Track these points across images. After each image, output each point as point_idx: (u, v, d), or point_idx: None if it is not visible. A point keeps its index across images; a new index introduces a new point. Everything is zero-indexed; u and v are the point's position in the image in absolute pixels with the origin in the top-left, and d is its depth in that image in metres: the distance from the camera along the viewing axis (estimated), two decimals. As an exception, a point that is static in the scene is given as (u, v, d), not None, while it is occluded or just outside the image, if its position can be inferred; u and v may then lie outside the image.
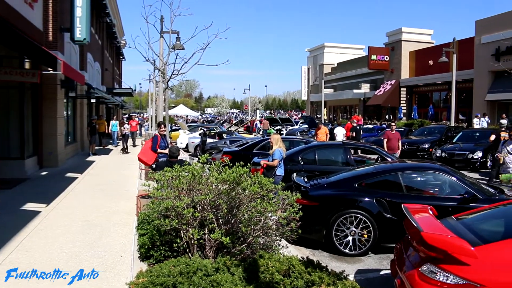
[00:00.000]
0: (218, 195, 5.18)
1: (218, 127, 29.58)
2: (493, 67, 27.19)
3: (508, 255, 4.05)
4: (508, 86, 25.46)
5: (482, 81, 28.97)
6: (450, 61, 26.62)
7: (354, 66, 49.86)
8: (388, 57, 41.27)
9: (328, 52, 59.36)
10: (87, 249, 6.49)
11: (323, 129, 19.07)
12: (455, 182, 7.23)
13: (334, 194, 7.30)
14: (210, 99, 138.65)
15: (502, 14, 28.17)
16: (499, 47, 27.08)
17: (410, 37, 40.72)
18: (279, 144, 9.53)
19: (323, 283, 4.01)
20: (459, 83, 30.57)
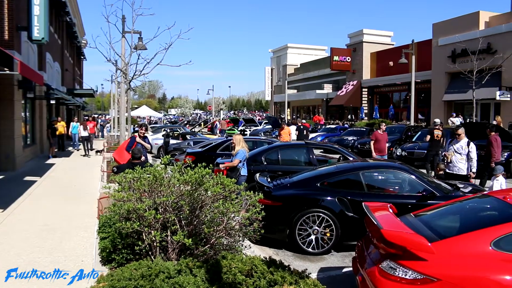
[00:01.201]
0: (180, 197, 5.13)
1: (181, 128, 29.34)
2: (449, 68, 28.07)
3: (463, 250, 4.18)
4: (463, 87, 26.32)
5: (439, 82, 29.85)
6: (409, 62, 27.30)
7: (317, 66, 50.45)
8: (350, 58, 41.97)
9: (291, 53, 59.83)
10: (46, 254, 6.32)
11: (287, 129, 19.23)
12: (414, 180, 7.42)
13: (297, 193, 7.36)
14: (174, 100, 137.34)
15: (458, 17, 29.11)
16: (455, 49, 27.96)
17: (371, 38, 41.56)
18: (242, 144, 9.53)
19: (285, 283, 4.03)
20: (418, 84, 31.39)
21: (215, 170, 9.62)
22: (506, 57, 23.46)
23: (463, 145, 10.47)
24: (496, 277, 3.91)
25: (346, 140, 23.73)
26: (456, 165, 10.44)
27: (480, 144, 15.95)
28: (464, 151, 10.43)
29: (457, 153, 10.45)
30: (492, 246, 4.12)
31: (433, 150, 14.91)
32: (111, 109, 40.64)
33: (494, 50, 25.26)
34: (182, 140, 22.26)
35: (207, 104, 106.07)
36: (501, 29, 25.44)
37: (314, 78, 50.85)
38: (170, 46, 12.22)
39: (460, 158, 10.44)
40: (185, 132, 25.71)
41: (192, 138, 22.02)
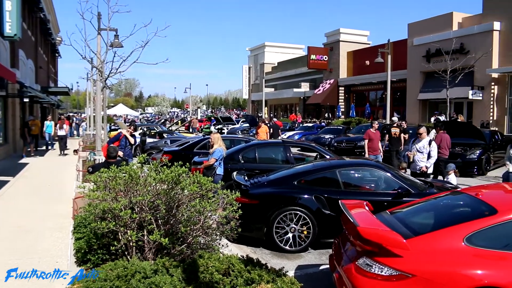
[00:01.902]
0: (156, 196, 5.09)
1: (158, 127, 29.11)
2: (424, 68, 28.50)
3: (436, 246, 4.25)
4: (437, 86, 26.76)
5: (414, 81, 30.29)
6: (385, 61, 27.63)
7: (294, 65, 50.61)
8: (327, 57, 42.23)
9: (268, 52, 59.86)
10: (18, 256, 6.18)
11: (264, 127, 19.28)
12: (390, 177, 7.52)
13: (274, 192, 7.37)
14: (151, 98, 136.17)
15: (432, 18, 29.57)
16: (429, 49, 28.40)
17: (348, 38, 41.88)
18: (219, 143, 9.51)
19: (263, 281, 4.04)
20: (394, 83, 31.78)
21: (192, 169, 9.58)
22: (478, 58, 23.95)
23: (425, 144, 10.56)
24: (468, 272, 3.99)
25: (323, 139, 23.91)
26: (418, 164, 10.54)
27: (460, 142, 16.37)
28: (425, 150, 10.52)
29: (419, 152, 10.53)
30: (465, 242, 4.20)
31: (393, 147, 15.39)
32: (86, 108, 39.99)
33: (467, 51, 25.76)
34: (159, 139, 22.09)
35: (184, 103, 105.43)
36: (473, 30, 25.96)
37: (291, 77, 51.00)
38: (146, 43, 12.08)
39: (422, 157, 10.52)
40: (162, 131, 25.53)
41: (169, 137, 21.88)
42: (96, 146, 13.73)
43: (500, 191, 5.65)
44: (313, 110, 46.67)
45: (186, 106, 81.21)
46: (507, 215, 4.36)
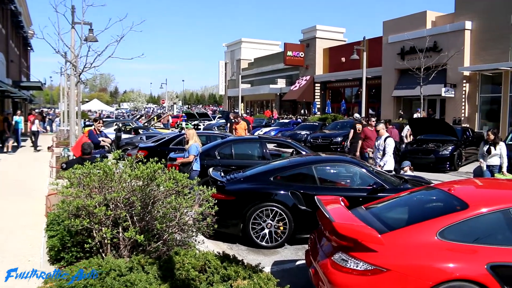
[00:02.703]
0: (131, 192, 5.03)
1: (134, 122, 28.79)
2: (398, 65, 28.91)
3: (410, 240, 4.33)
4: (411, 83, 27.19)
5: (389, 78, 30.69)
6: (361, 58, 27.90)
7: (271, 61, 50.69)
8: (303, 53, 42.43)
9: (245, 48, 59.82)
10: (-12, 254, 6.02)
11: (242, 123, 19.28)
12: (365, 173, 7.60)
13: (250, 188, 7.37)
14: (126, 94, 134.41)
15: (407, 16, 29.99)
16: (404, 46, 28.80)
17: (324, 34, 42.14)
18: (195, 139, 9.45)
19: (239, 277, 4.03)
20: (369, 80, 32.16)
21: (168, 165, 9.50)
22: (450, 56, 24.43)
23: (381, 142, 10.48)
24: (440, 265, 4.08)
25: (299, 135, 24.02)
26: (376, 161, 10.57)
27: (433, 139, 16.69)
28: (381, 147, 10.42)
29: (378, 149, 10.53)
30: (438, 236, 4.28)
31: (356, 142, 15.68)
32: (60, 103, 39.25)
33: (440, 49, 26.23)
34: (134, 135, 21.84)
35: (160, 98, 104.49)
36: (446, 28, 26.43)
37: (267, 73, 51.08)
38: (122, 38, 11.90)
39: (379, 154, 10.48)
40: (137, 127, 25.26)
41: (145, 133, 21.66)
42: (70, 142, 13.50)
43: (471, 186, 5.77)
44: (289, 106, 46.85)
45: (162, 102, 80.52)
46: (477, 210, 4.46)
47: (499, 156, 10.70)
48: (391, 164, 10.43)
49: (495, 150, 10.69)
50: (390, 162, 10.33)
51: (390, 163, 10.39)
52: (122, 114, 66.90)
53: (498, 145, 10.72)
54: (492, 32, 24.12)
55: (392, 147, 10.30)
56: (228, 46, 64.72)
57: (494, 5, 24.01)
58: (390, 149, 10.27)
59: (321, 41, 41.54)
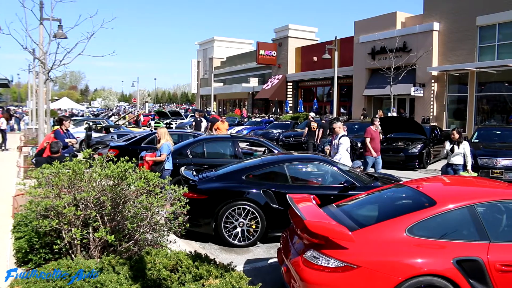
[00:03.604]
0: (102, 192, 4.95)
1: (104, 121, 28.34)
2: (369, 64, 29.29)
3: (380, 237, 4.40)
4: (382, 82, 27.62)
5: (360, 77, 31.07)
6: (332, 58, 28.17)
7: (243, 60, 50.66)
8: (276, 52, 42.55)
9: (217, 46, 59.58)
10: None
11: (226, 123, 19.34)
12: (336, 171, 7.68)
13: (222, 186, 7.36)
14: (97, 92, 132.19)
15: (377, 16, 30.40)
16: (374, 46, 29.20)
17: (296, 34, 42.35)
18: (166, 137, 9.38)
19: (211, 276, 4.03)
20: (341, 79, 32.50)
21: (140, 164, 9.40)
22: (419, 56, 24.93)
23: (337, 140, 10.31)
24: (409, 261, 4.16)
25: (271, 133, 24.11)
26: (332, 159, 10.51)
27: (403, 137, 17.02)
28: (337, 145, 10.28)
29: (334, 148, 10.38)
30: (407, 233, 4.37)
31: (311, 139, 16.58)
32: (28, 101, 38.30)
33: (409, 49, 26.70)
34: (105, 134, 21.51)
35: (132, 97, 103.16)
36: (415, 29, 26.92)
37: (240, 72, 51.03)
38: (92, 35, 11.69)
39: (334, 152, 10.29)
40: (108, 125, 24.87)
41: (116, 132, 21.35)
42: (39, 140, 13.19)
43: (439, 184, 5.90)
44: (261, 105, 46.93)
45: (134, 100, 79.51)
46: (445, 206, 4.57)
47: (463, 155, 10.77)
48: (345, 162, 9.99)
49: (458, 149, 10.77)
50: (343, 160, 9.95)
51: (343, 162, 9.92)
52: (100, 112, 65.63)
53: (461, 144, 10.80)
54: (459, 33, 24.71)
55: (344, 145, 10.05)
56: (201, 45, 64.35)
57: (460, 7, 24.60)
58: (342, 148, 10.01)
59: (293, 40, 41.74)
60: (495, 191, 5.19)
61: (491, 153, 12.92)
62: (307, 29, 43.91)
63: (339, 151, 9.94)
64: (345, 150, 9.92)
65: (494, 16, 23.06)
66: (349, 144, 10.15)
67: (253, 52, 46.76)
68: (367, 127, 18.55)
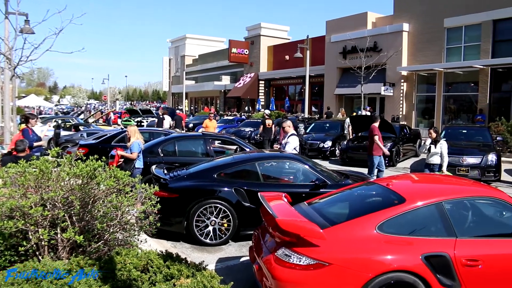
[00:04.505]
0: (70, 191, 4.84)
1: (74, 119, 27.79)
2: (340, 64, 29.63)
3: (351, 234, 4.45)
4: (353, 81, 27.96)
5: (331, 76, 31.37)
6: (304, 57, 28.36)
7: (215, 58, 50.50)
8: (248, 50, 42.58)
9: (189, 44, 59.23)
10: None
11: (213, 122, 19.26)
12: (308, 170, 7.72)
13: (193, 185, 7.31)
14: (66, 89, 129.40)
15: (349, 16, 30.76)
16: (346, 46, 29.52)
17: (269, 32, 42.48)
18: (137, 136, 9.26)
19: (182, 276, 3.99)
20: (312, 78, 32.76)
21: (110, 162, 9.25)
22: (389, 56, 25.35)
23: (286, 139, 10.25)
24: (380, 258, 4.23)
25: (243, 132, 24.09)
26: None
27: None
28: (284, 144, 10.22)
29: (283, 146, 10.31)
30: (377, 230, 4.43)
31: (266, 136, 16.94)
32: (-8, 98, 37.16)
33: (380, 49, 27.11)
34: (74, 132, 21.09)
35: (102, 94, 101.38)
36: (386, 30, 27.36)
37: (212, 70, 50.85)
38: (61, 31, 11.39)
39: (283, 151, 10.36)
40: (78, 123, 24.40)
41: (86, 130, 20.96)
42: (5, 139, 12.83)
43: (408, 181, 6.01)
44: (233, 103, 46.89)
45: (104, 98, 78.19)
46: (414, 203, 4.66)
47: (440, 155, 10.56)
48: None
49: (435, 149, 10.57)
50: None
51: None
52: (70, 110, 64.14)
53: (438, 144, 10.59)
54: (427, 34, 25.24)
55: (291, 145, 9.97)
56: (173, 42, 63.83)
57: (429, 9, 25.12)
58: (289, 147, 9.92)
59: (265, 38, 41.84)
60: (461, 188, 5.32)
61: (457, 152, 13.21)
62: (280, 27, 44.10)
63: (286, 149, 9.82)
64: (293, 148, 9.85)
65: (461, 19, 23.65)
66: (297, 143, 10.11)
67: (225, 50, 46.64)
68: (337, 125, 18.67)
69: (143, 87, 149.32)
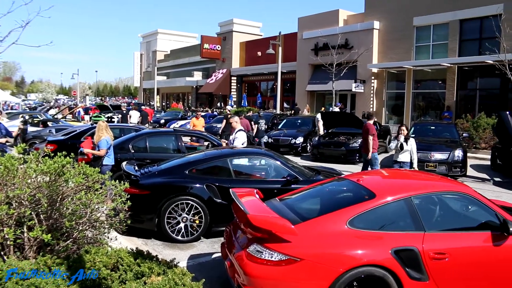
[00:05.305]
0: (37, 189, 4.72)
1: (42, 115, 27.14)
2: (312, 60, 29.82)
3: (322, 230, 4.48)
4: (324, 78, 28.20)
5: (303, 73, 31.55)
6: (276, 53, 28.44)
7: (187, 54, 50.14)
8: (220, 46, 42.43)
9: (161, 39, 58.65)
10: None
11: (201, 120, 19.11)
12: (279, 165, 7.74)
13: (165, 181, 7.23)
14: (34, 84, 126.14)
15: (321, 13, 30.97)
16: (317, 43, 29.73)
17: (241, 28, 42.43)
18: (106, 132, 9.10)
19: (153, 273, 3.95)
20: (284, 74, 32.87)
21: (79, 159, 9.08)
22: (360, 53, 25.67)
23: (234, 135, 10.30)
24: (350, 253, 4.27)
25: (215, 128, 24.00)
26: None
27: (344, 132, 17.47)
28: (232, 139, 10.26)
29: (230, 142, 10.40)
30: (347, 225, 4.48)
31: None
32: (-45, 92, 36.00)
33: (351, 46, 27.42)
34: (42, 128, 20.60)
35: (71, 89, 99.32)
36: (357, 27, 27.67)
37: (184, 65, 50.50)
38: (27, 24, 11.08)
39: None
40: (46, 119, 23.85)
41: (54, 125, 20.51)
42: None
43: (378, 177, 6.09)
44: (205, 99, 46.68)
45: (74, 93, 76.66)
46: (384, 199, 4.72)
47: (410, 152, 10.50)
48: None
49: (407, 146, 10.47)
50: None
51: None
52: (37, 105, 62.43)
53: (409, 141, 10.53)
54: (397, 32, 25.64)
55: (239, 140, 9.96)
56: (144, 37, 63.04)
57: (399, 7, 25.51)
58: (237, 142, 9.93)
59: (238, 34, 41.79)
60: (429, 183, 5.43)
61: (426, 148, 13.47)
62: (252, 24, 44.11)
63: (234, 145, 9.86)
64: (240, 144, 9.87)
65: (429, 18, 24.13)
66: (245, 138, 10.13)
67: (197, 46, 46.37)
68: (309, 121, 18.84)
69: (114, 82, 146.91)
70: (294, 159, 13.28)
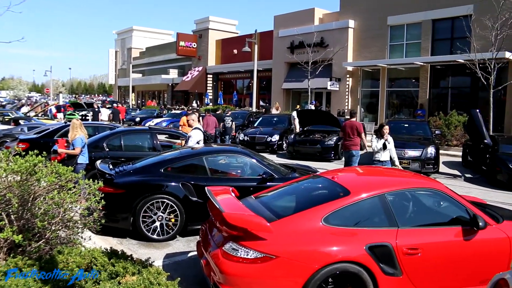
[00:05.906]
0: (8, 188, 4.62)
1: (13, 112, 26.57)
2: (288, 58, 29.93)
3: (298, 227, 4.51)
4: (300, 76, 28.34)
5: (279, 71, 31.63)
6: (252, 51, 28.45)
7: (163, 51, 49.71)
8: (196, 44, 42.20)
9: (136, 36, 57.98)
10: None
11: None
12: (255, 163, 7.76)
13: (140, 180, 7.17)
14: (5, 81, 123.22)
15: (296, 12, 31.07)
16: (293, 41, 29.83)
17: (217, 26, 42.26)
18: (80, 130, 8.97)
19: (128, 273, 3.91)
20: (260, 72, 32.91)
21: (52, 157, 8.92)
22: (335, 51, 25.87)
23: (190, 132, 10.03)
24: (325, 249, 4.31)
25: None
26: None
27: (319, 129, 17.61)
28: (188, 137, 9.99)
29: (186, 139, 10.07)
30: (323, 222, 4.52)
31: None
32: None
33: (326, 44, 27.61)
34: (14, 126, 20.15)
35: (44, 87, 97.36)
36: (332, 26, 27.87)
37: (160, 63, 50.04)
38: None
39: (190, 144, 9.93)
40: (18, 117, 23.34)
41: (26, 124, 20.09)
42: None
43: (353, 174, 6.16)
44: (181, 97, 46.39)
45: (47, 91, 75.17)
46: (358, 196, 4.78)
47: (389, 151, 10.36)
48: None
49: (389, 145, 10.29)
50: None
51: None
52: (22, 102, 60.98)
53: (390, 140, 10.34)
54: (372, 31, 25.94)
55: (194, 138, 9.80)
56: (119, 34, 62.22)
57: (373, 6, 25.81)
58: (192, 141, 9.77)
59: (213, 32, 41.61)
60: (403, 180, 5.53)
61: (399, 145, 13.61)
62: (228, 21, 43.99)
63: (189, 143, 9.76)
64: (195, 142, 9.75)
65: (403, 17, 24.49)
66: (200, 137, 9.97)
67: (173, 43, 45.98)
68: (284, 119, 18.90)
69: (88, 80, 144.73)
70: (270, 157, 13.33)
